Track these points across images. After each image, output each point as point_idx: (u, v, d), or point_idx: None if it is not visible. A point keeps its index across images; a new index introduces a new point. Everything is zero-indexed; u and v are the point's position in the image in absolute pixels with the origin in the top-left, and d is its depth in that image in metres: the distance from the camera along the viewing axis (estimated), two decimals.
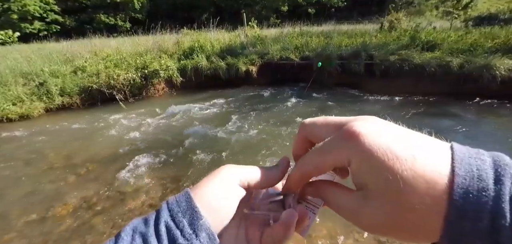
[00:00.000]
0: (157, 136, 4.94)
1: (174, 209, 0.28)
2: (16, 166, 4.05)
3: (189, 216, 0.28)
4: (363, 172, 0.25)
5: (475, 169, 0.21)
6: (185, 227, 0.27)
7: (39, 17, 25.78)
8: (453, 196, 0.20)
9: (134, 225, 0.28)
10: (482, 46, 6.43)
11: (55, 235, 2.64)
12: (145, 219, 0.28)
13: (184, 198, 0.29)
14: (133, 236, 0.26)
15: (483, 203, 0.19)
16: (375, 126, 0.26)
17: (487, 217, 0.19)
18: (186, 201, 0.29)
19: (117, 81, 6.99)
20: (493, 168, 0.21)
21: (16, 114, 5.98)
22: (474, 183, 0.20)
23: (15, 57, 8.19)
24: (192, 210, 0.28)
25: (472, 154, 0.22)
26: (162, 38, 10.14)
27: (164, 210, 0.29)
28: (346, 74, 7.49)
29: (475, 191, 0.20)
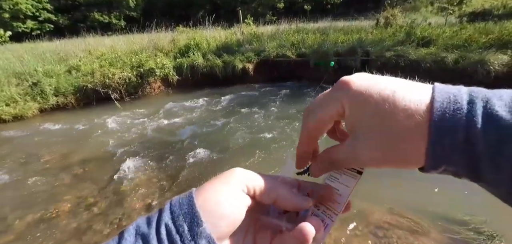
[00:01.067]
0: (153, 135, 4.91)
1: (176, 211, 0.27)
2: (11, 167, 4.00)
3: (189, 220, 0.26)
4: (353, 114, 0.28)
5: (452, 95, 0.24)
6: (184, 232, 0.26)
7: (31, 16, 25.38)
8: (433, 117, 0.23)
9: (138, 225, 0.27)
10: (477, 42, 6.48)
11: (52, 236, 2.61)
12: (148, 219, 0.28)
13: (187, 200, 0.28)
14: (136, 236, 0.26)
15: (457, 119, 0.23)
16: (363, 75, 0.29)
17: (462, 131, 0.22)
18: (188, 204, 0.27)
19: (113, 80, 6.92)
20: (467, 93, 0.24)
21: (9, 115, 5.90)
22: (450, 105, 0.23)
23: (7, 57, 8.06)
24: (193, 215, 0.26)
25: (451, 87, 0.25)
26: (157, 36, 10.06)
27: (166, 210, 0.28)
28: (343, 70, 7.50)
29: (451, 111, 0.23)
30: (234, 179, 0.30)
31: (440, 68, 6.25)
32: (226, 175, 0.30)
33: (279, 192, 0.31)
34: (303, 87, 7.58)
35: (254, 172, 0.31)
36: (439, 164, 0.24)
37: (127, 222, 2.74)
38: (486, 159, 0.22)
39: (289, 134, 4.55)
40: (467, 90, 0.24)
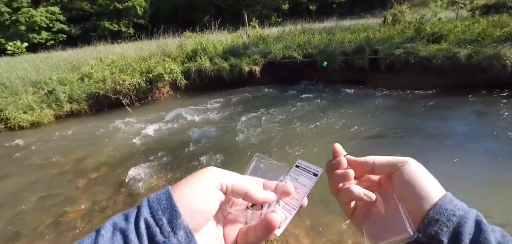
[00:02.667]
0: (163, 139, 5.00)
1: (154, 206, 0.29)
2: (29, 172, 4.15)
3: (168, 214, 0.28)
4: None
5: (458, 202, 0.35)
6: (164, 225, 0.28)
7: (45, 27, 26.32)
8: (424, 221, 0.34)
9: (114, 221, 0.28)
10: (491, 35, 6.26)
11: (67, 239, 2.69)
12: (125, 215, 0.29)
13: (165, 196, 0.30)
14: (113, 232, 0.27)
15: (446, 223, 0.33)
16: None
17: (454, 222, 0.32)
18: (167, 199, 0.29)
19: (123, 86, 7.09)
20: (469, 208, 0.35)
21: (27, 122, 6.13)
22: (454, 204, 0.35)
23: (24, 67, 8.40)
24: (172, 208, 0.29)
25: (456, 203, 0.35)
26: (165, 42, 10.24)
27: (144, 206, 0.29)
28: (350, 69, 7.43)
29: (453, 207, 0.34)
30: (209, 177, 0.33)
31: (452, 64, 6.08)
32: (202, 172, 0.33)
33: (248, 188, 0.34)
34: (310, 88, 7.55)
35: (226, 171, 0.35)
36: (430, 229, 0.33)
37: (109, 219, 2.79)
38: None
39: (297, 135, 4.54)
40: (466, 208, 0.34)
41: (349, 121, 4.93)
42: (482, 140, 3.89)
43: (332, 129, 4.68)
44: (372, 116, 5.10)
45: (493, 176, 3.03)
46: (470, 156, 3.51)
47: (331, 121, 5.01)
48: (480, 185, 2.88)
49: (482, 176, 3.05)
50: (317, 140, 4.23)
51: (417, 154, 3.61)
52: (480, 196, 2.67)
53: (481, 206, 2.17)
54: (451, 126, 4.50)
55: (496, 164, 3.27)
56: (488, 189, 2.83)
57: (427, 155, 3.58)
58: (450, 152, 3.64)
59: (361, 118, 5.03)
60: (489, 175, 3.06)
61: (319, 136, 4.41)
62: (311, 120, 5.12)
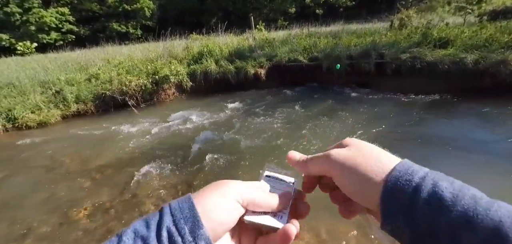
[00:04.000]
0: (169, 140, 5.03)
1: (177, 215, 0.30)
2: (35, 171, 4.22)
3: (190, 223, 0.29)
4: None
5: (410, 169, 0.30)
6: (186, 234, 0.28)
7: (55, 27, 26.84)
8: (388, 178, 0.30)
9: (136, 228, 0.29)
10: (498, 41, 6.19)
11: (74, 239, 2.73)
12: (146, 222, 0.29)
13: (187, 205, 0.30)
14: (135, 239, 0.27)
15: (406, 190, 0.29)
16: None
17: (408, 197, 0.28)
18: (189, 209, 0.30)
19: (129, 87, 7.17)
20: (424, 172, 0.30)
21: (34, 121, 6.24)
22: (404, 177, 0.30)
23: (33, 67, 8.57)
24: (194, 218, 0.29)
25: (412, 165, 0.31)
26: (171, 44, 10.34)
27: (166, 214, 0.30)
28: (356, 73, 7.39)
29: (403, 181, 0.29)
30: (229, 191, 0.33)
31: (459, 69, 6.01)
32: (223, 186, 0.34)
33: (269, 202, 0.36)
34: (315, 91, 7.53)
35: (245, 183, 0.36)
36: (388, 216, 0.30)
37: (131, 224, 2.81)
38: (424, 226, 0.26)
39: (302, 138, 4.52)
40: (426, 170, 0.30)
41: (354, 125, 4.90)
42: (488, 146, 3.82)
43: (337, 132, 4.65)
44: (378, 120, 5.06)
45: (499, 182, 2.98)
46: (476, 161, 3.45)
47: (336, 124, 4.99)
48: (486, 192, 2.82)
49: (489, 182, 2.99)
50: (322, 143, 4.22)
51: (422, 158, 3.57)
52: None
53: None
54: (457, 132, 4.44)
55: (502, 169, 3.21)
56: (495, 195, 2.77)
57: (433, 160, 3.53)
58: (456, 157, 3.59)
59: (367, 122, 5.00)
60: (496, 181, 3.01)
61: (324, 139, 4.39)
62: (316, 123, 5.11)
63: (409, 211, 0.28)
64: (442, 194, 0.26)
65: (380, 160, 0.33)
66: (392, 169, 0.31)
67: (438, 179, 0.28)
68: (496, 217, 0.23)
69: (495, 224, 0.23)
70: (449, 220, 0.25)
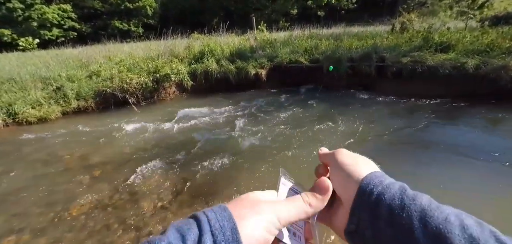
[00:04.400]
0: (168, 139, 5.03)
1: (218, 236, 0.28)
2: (35, 167, 4.22)
3: None
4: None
5: (380, 178, 0.35)
6: None
7: (57, 24, 26.85)
8: (362, 183, 0.35)
9: (170, 242, 0.26)
10: (500, 47, 6.20)
11: (71, 235, 2.73)
12: (182, 237, 0.27)
13: (229, 226, 0.29)
14: None
15: (374, 192, 0.33)
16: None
17: (374, 199, 0.33)
18: (232, 232, 0.29)
19: (130, 85, 7.18)
20: (392, 180, 0.35)
21: (34, 117, 6.24)
22: (373, 182, 0.34)
23: (34, 63, 8.57)
24: (236, 243, 0.28)
25: (384, 175, 0.37)
26: (173, 42, 10.35)
27: (206, 232, 0.28)
28: (357, 76, 7.40)
29: (372, 186, 0.34)
30: (270, 217, 0.33)
31: (460, 74, 6.02)
32: (263, 209, 0.33)
33: (297, 213, 0.37)
34: (316, 93, 7.53)
35: (283, 206, 0.35)
36: (354, 213, 0.35)
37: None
38: (385, 220, 0.31)
39: (302, 140, 4.53)
40: (393, 180, 0.36)
41: (354, 127, 4.90)
42: (488, 151, 3.82)
43: (337, 134, 4.65)
44: (378, 123, 5.07)
45: (499, 187, 2.98)
46: (476, 166, 3.45)
47: (336, 126, 4.99)
48: (486, 196, 2.83)
49: (488, 187, 2.99)
50: (321, 145, 4.20)
51: (421, 163, 3.58)
52: (487, 207, 2.62)
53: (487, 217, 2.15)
54: (457, 136, 4.44)
55: (501, 175, 3.21)
56: (495, 200, 2.77)
57: (432, 164, 3.53)
58: (456, 161, 3.59)
59: (367, 125, 5.00)
60: (495, 186, 3.01)
61: (324, 141, 4.40)
62: (315, 125, 5.11)
63: (373, 212, 0.32)
64: (404, 195, 0.32)
65: (361, 169, 0.38)
66: (365, 176, 0.36)
67: (402, 187, 0.34)
68: (445, 213, 0.29)
69: (444, 216, 0.29)
70: (407, 215, 0.30)
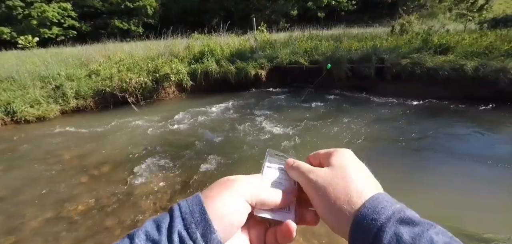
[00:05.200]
0: (167, 139, 5.03)
1: (188, 218, 0.29)
2: (33, 165, 4.21)
3: (202, 228, 0.29)
4: None
5: (379, 207, 0.30)
6: (197, 239, 0.28)
7: (57, 22, 26.82)
8: (358, 215, 0.30)
9: (147, 230, 0.28)
10: (498, 49, 6.22)
11: (68, 235, 2.72)
12: (157, 225, 0.29)
13: (198, 208, 0.30)
14: (146, 242, 0.27)
15: (370, 230, 0.29)
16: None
17: (370, 239, 0.28)
18: (200, 213, 0.30)
19: (129, 85, 7.17)
20: (392, 212, 0.29)
21: (33, 116, 6.23)
22: (370, 216, 0.29)
23: (33, 61, 8.55)
24: (206, 222, 0.29)
25: (385, 199, 0.31)
26: (173, 42, 10.34)
27: (177, 217, 0.29)
28: (357, 77, 7.41)
29: (369, 220, 0.29)
30: (239, 191, 0.33)
31: (458, 76, 6.03)
32: (231, 185, 0.34)
33: (275, 201, 0.36)
34: (315, 94, 7.54)
35: (252, 183, 0.36)
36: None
37: (139, 223, 2.81)
38: None
39: (301, 140, 4.53)
40: (392, 209, 0.30)
41: (353, 128, 4.91)
42: (486, 153, 3.83)
43: (336, 135, 4.66)
44: (377, 124, 5.07)
45: (496, 190, 2.98)
46: (474, 169, 3.46)
47: (335, 127, 5.00)
48: (485, 198, 2.83)
49: (486, 189, 3.00)
50: (321, 146, 4.21)
51: (419, 165, 3.59)
52: (484, 210, 2.63)
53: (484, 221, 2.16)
54: (455, 138, 4.45)
55: (500, 176, 3.22)
56: (492, 202, 2.78)
57: (429, 167, 3.54)
58: (454, 164, 3.60)
59: (366, 126, 5.00)
60: (493, 188, 3.01)
61: (323, 141, 4.40)
62: (315, 126, 5.11)
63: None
64: (401, 238, 0.27)
65: (357, 190, 0.32)
66: (359, 208, 0.31)
67: (401, 220, 0.29)
68: None
69: None
70: None
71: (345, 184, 0.33)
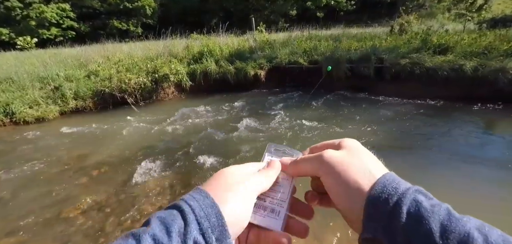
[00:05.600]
0: (166, 139, 5.02)
1: (204, 223, 0.28)
2: (31, 166, 4.20)
3: (217, 233, 0.28)
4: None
5: (397, 180, 0.31)
6: (212, 243, 0.28)
7: (55, 23, 26.77)
8: (371, 194, 0.30)
9: (155, 234, 0.26)
10: (497, 49, 6.23)
11: (67, 236, 2.71)
12: (166, 228, 0.27)
13: (214, 212, 0.29)
14: None
15: (388, 202, 0.29)
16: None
17: (392, 205, 0.28)
18: (216, 217, 0.29)
19: (129, 85, 7.16)
20: (406, 185, 0.30)
21: (32, 117, 6.21)
22: (391, 185, 0.30)
23: (32, 62, 8.53)
24: (222, 228, 0.29)
25: (397, 179, 0.32)
26: (172, 43, 10.34)
27: (192, 222, 0.28)
28: (356, 77, 7.41)
29: (390, 188, 0.30)
30: (249, 194, 0.34)
31: (458, 76, 6.04)
32: (243, 187, 0.34)
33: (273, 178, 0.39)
34: (314, 94, 7.54)
35: (259, 181, 0.36)
36: (370, 226, 0.29)
37: (138, 224, 2.80)
38: (403, 235, 0.27)
39: (300, 141, 4.53)
40: (408, 185, 0.31)
41: (352, 129, 4.91)
42: (486, 153, 3.84)
43: (335, 135, 4.59)
44: (376, 125, 5.07)
45: (496, 190, 2.99)
46: (474, 168, 3.46)
47: (335, 127, 5.00)
48: (484, 198, 2.83)
49: (486, 189, 3.00)
50: None
51: (419, 165, 3.59)
52: (484, 210, 2.63)
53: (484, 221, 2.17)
54: (455, 138, 4.45)
55: (500, 176, 3.22)
56: (492, 202, 2.78)
57: (429, 167, 3.54)
58: (453, 164, 3.60)
59: (365, 126, 5.01)
60: (492, 188, 3.02)
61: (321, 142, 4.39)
62: (314, 126, 5.11)
63: (389, 223, 0.28)
64: (420, 206, 0.27)
65: (370, 170, 0.33)
66: (376, 182, 0.31)
67: (418, 193, 0.29)
68: (467, 227, 0.25)
69: (466, 231, 0.25)
70: (426, 231, 0.26)
71: (361, 162, 0.34)
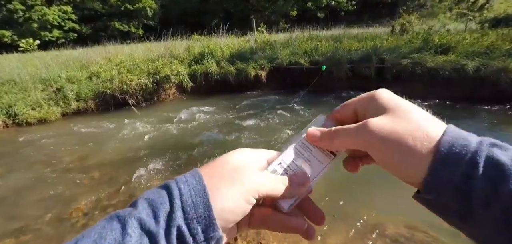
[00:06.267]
0: (168, 140, 5.03)
1: (190, 212, 0.26)
2: (34, 167, 4.22)
3: (204, 224, 0.26)
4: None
5: (462, 136, 0.26)
6: (198, 234, 0.26)
7: (57, 25, 26.91)
8: (442, 144, 0.26)
9: (141, 218, 0.25)
10: (499, 49, 6.21)
11: (70, 236, 2.71)
12: (154, 212, 0.26)
13: (202, 201, 0.27)
14: (140, 235, 0.24)
15: (463, 154, 0.25)
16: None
17: (464, 164, 0.24)
18: (204, 208, 0.27)
19: (130, 86, 7.18)
20: (477, 137, 0.26)
21: (34, 118, 6.24)
22: (459, 142, 0.25)
23: (34, 64, 8.57)
24: (210, 220, 0.26)
25: (462, 133, 0.27)
26: (173, 44, 10.36)
27: (177, 209, 0.26)
28: (357, 78, 7.40)
29: (459, 146, 0.25)
30: (247, 187, 0.30)
31: (459, 76, 6.02)
32: (239, 177, 0.30)
33: (279, 189, 0.32)
34: (315, 95, 7.53)
35: (263, 177, 0.32)
36: (436, 187, 0.26)
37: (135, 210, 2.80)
38: (480, 196, 0.23)
39: None
40: (477, 137, 0.27)
41: None
42: None
43: None
44: None
45: None
46: None
47: None
48: None
49: None
50: None
51: None
52: None
53: None
54: None
55: None
56: None
57: None
58: None
59: None
60: None
61: None
62: None
63: (461, 187, 0.24)
64: (498, 162, 0.23)
65: (427, 132, 0.27)
66: (439, 142, 0.26)
67: (493, 144, 0.25)
68: None
69: None
70: (510, 191, 0.22)
71: (414, 124, 0.28)
